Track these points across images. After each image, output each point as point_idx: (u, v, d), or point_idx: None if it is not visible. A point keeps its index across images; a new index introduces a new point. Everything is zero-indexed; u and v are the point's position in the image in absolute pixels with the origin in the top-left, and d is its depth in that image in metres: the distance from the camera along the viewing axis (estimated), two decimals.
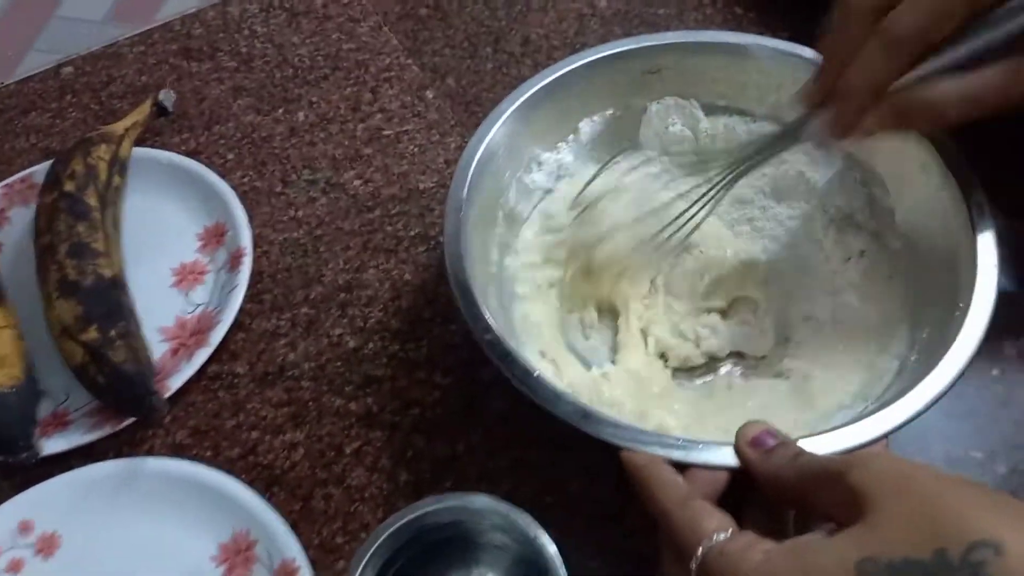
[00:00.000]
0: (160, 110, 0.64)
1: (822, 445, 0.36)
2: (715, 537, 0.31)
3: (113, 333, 0.49)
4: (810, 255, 0.51)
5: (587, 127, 0.54)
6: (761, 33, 0.66)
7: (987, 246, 0.41)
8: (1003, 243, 0.41)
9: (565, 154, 0.54)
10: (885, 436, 0.37)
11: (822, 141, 0.42)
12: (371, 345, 0.53)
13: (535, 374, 0.39)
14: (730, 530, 0.31)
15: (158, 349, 0.53)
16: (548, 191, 0.54)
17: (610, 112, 0.54)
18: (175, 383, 0.51)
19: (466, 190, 0.46)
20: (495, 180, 0.49)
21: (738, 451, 0.36)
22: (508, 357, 0.40)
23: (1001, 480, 0.45)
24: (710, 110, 0.54)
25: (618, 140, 0.55)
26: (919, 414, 0.37)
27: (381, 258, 0.57)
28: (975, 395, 0.48)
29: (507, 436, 0.49)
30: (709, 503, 0.33)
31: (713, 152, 0.53)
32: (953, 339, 0.39)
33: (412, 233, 0.58)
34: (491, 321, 0.41)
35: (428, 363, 0.52)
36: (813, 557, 0.28)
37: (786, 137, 0.45)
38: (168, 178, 0.61)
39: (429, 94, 0.66)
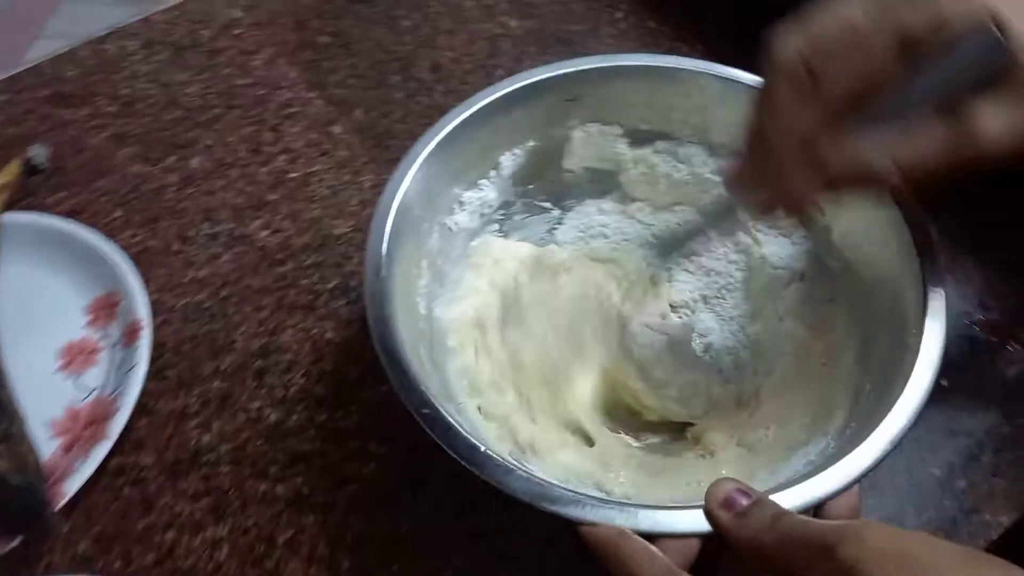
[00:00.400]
0: (31, 169, 0.57)
1: (792, 498, 0.34)
2: None
3: None
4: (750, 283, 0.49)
5: (508, 161, 0.50)
6: (678, 47, 0.65)
7: (933, 264, 0.40)
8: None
9: (488, 191, 0.50)
10: (857, 481, 0.34)
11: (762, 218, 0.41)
12: (295, 417, 0.48)
13: (482, 450, 0.35)
14: None
15: (47, 447, 0.47)
16: (475, 232, 0.50)
17: (531, 144, 0.50)
18: (72, 486, 0.44)
19: (385, 245, 0.42)
20: (415, 228, 0.45)
21: (709, 515, 0.33)
22: (450, 432, 0.36)
23: (962, 496, 0.44)
24: (634, 135, 0.51)
25: (541, 172, 0.52)
26: (886, 454, 0.35)
27: (298, 316, 0.52)
28: (926, 410, 0.46)
29: (457, 504, 0.44)
30: None
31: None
32: (910, 369, 0.37)
33: (330, 285, 0.53)
34: (428, 393, 0.37)
35: (360, 431, 0.47)
36: None
37: (720, 217, 0.44)
38: (47, 245, 0.54)
39: (336, 129, 0.61)
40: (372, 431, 0.47)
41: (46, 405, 0.48)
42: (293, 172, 0.59)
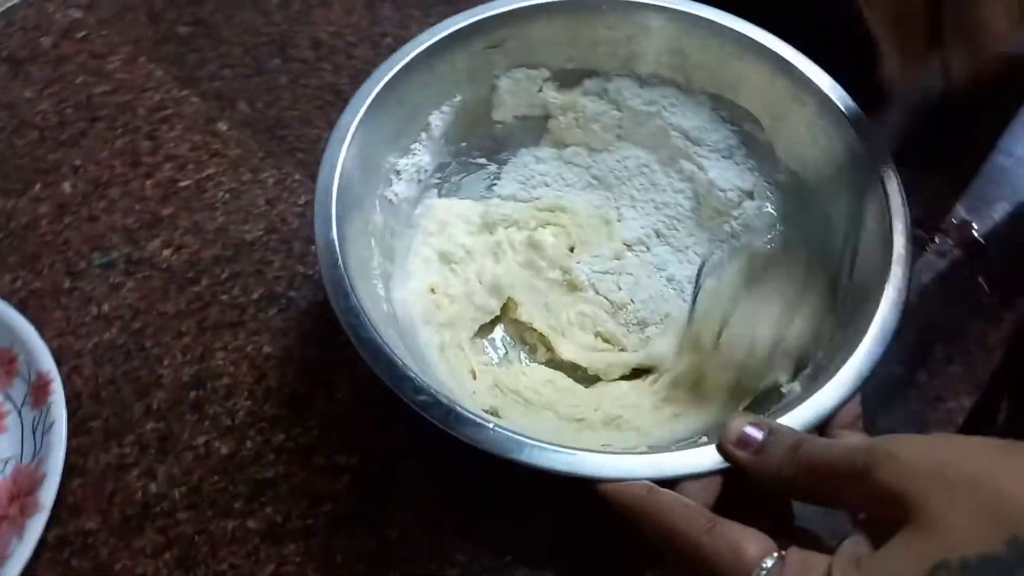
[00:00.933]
0: None
1: (804, 415, 0.33)
2: (764, 564, 0.27)
3: None
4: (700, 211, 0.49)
5: (438, 120, 0.47)
6: None
7: (888, 173, 0.40)
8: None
9: (422, 155, 0.47)
10: (860, 388, 0.34)
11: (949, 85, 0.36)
12: (249, 444, 0.44)
13: (491, 427, 0.33)
14: (775, 554, 0.28)
15: None
16: (415, 200, 0.47)
17: (458, 99, 0.48)
18: (12, 570, 0.39)
19: (335, 231, 0.38)
20: (359, 206, 0.42)
21: (725, 456, 0.32)
22: (452, 415, 0.34)
23: (925, 388, 0.46)
24: (561, 77, 0.49)
25: (472, 127, 0.49)
26: (880, 357, 0.35)
27: (227, 336, 0.48)
28: None
29: (445, 499, 0.42)
30: (738, 524, 0.30)
31: None
32: (885, 272, 0.37)
33: (255, 296, 0.49)
34: (417, 378, 0.34)
35: (323, 446, 0.44)
36: (882, 571, 0.25)
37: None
38: None
39: (222, 126, 0.56)
40: (336, 443, 0.44)
41: None
42: (184, 180, 0.53)
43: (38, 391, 0.44)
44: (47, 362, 0.45)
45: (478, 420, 0.33)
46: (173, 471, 0.43)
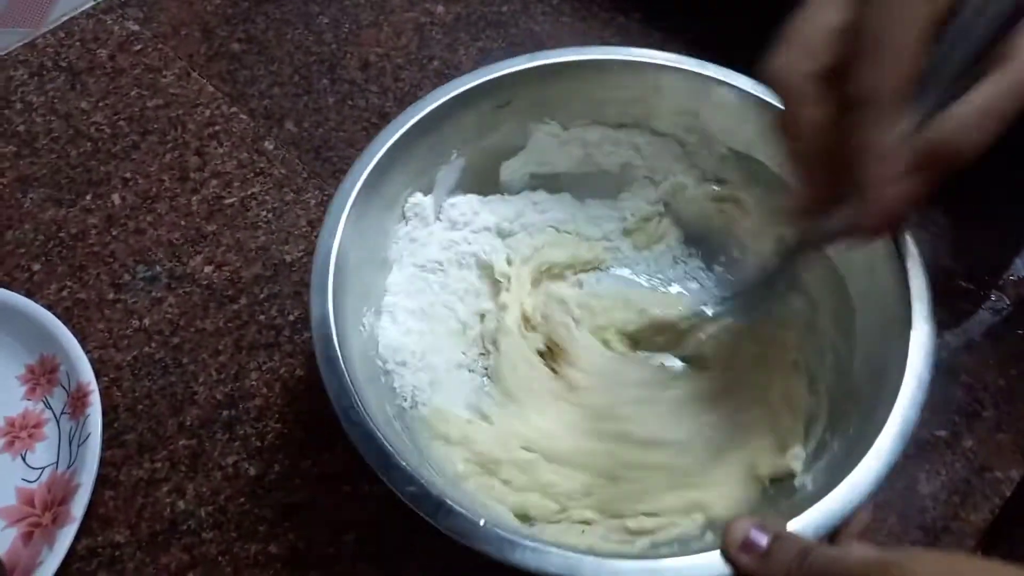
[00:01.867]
0: None
1: (813, 521, 0.32)
2: None
3: None
4: None
5: (443, 177, 0.47)
6: (615, 17, 0.63)
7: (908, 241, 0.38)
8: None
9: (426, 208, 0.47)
10: (874, 493, 0.33)
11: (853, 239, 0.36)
12: (277, 467, 0.44)
13: (481, 524, 0.33)
14: None
15: (3, 539, 0.42)
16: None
17: (462, 159, 0.47)
18: None
19: (331, 303, 0.38)
20: (357, 278, 0.42)
21: (729, 560, 0.31)
22: (442, 509, 0.33)
23: (970, 454, 0.44)
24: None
25: (479, 186, 0.49)
26: (898, 455, 0.33)
27: (261, 356, 0.48)
28: None
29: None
30: None
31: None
32: (904, 349, 0.36)
33: (291, 317, 0.49)
34: (407, 466, 0.34)
35: (351, 473, 0.44)
36: None
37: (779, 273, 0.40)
38: None
39: (268, 145, 0.57)
40: (363, 471, 0.43)
41: None
42: (229, 197, 0.54)
43: (77, 402, 0.45)
44: (87, 373, 0.46)
45: (468, 515, 0.33)
46: (202, 489, 0.44)
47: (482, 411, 0.44)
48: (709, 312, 0.45)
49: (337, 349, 0.37)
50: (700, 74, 0.45)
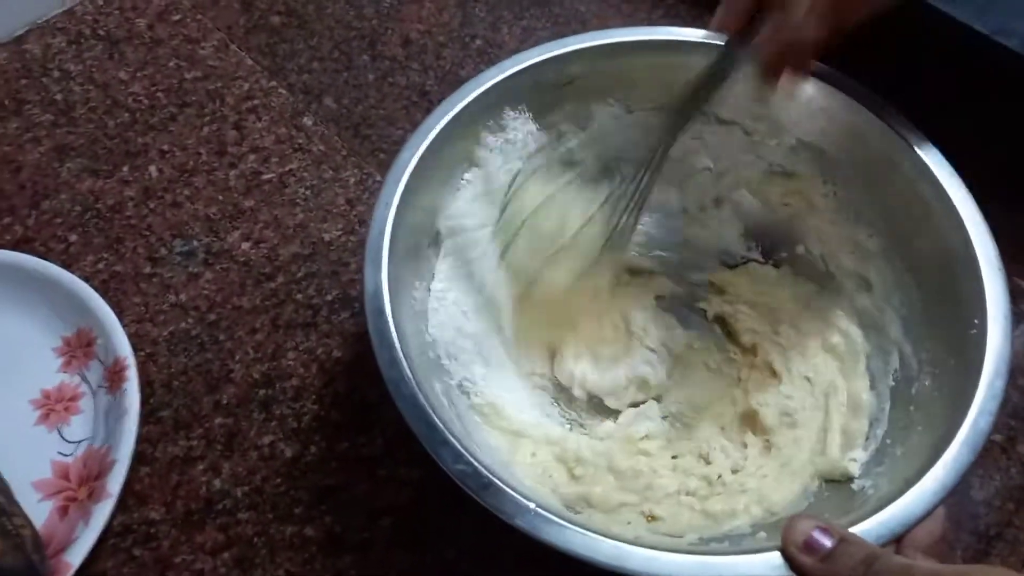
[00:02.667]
0: None
1: (876, 526, 0.31)
2: None
3: None
4: None
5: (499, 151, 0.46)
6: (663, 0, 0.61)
7: (988, 247, 0.37)
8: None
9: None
10: (943, 500, 0.32)
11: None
12: (313, 449, 0.44)
13: (531, 509, 0.32)
14: None
15: (38, 513, 0.42)
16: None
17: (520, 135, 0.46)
18: (76, 555, 0.40)
19: (385, 275, 0.37)
20: (413, 255, 0.41)
21: (789, 560, 0.30)
22: (491, 489, 0.32)
23: (1023, 459, 0.43)
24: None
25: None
26: (968, 465, 0.32)
27: (299, 336, 0.47)
28: None
29: (505, 525, 0.41)
30: None
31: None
32: (979, 360, 0.34)
33: (329, 297, 0.49)
34: (458, 444, 0.33)
35: (388, 457, 0.44)
36: None
37: (716, 74, 0.41)
38: None
39: (307, 121, 0.56)
40: (400, 455, 0.43)
41: (28, 465, 0.43)
42: (267, 173, 0.53)
43: (114, 376, 0.45)
44: (125, 348, 0.45)
45: (518, 499, 0.32)
46: (238, 469, 0.43)
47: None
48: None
49: (389, 321, 0.36)
50: None
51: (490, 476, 0.32)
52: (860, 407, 0.40)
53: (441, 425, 0.33)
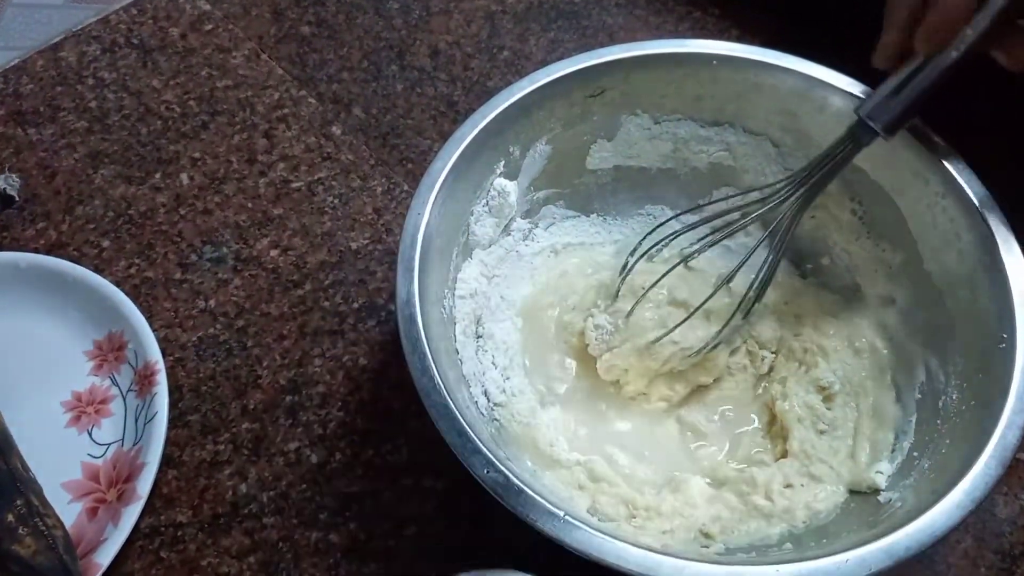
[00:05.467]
0: (2, 200, 0.51)
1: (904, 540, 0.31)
2: None
3: (11, 519, 0.38)
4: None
5: (528, 165, 0.46)
6: (691, 11, 0.61)
7: (1015, 262, 0.37)
8: None
9: (511, 195, 0.46)
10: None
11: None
12: (338, 456, 0.44)
13: (561, 516, 0.32)
14: None
15: (68, 514, 0.42)
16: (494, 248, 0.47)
17: (549, 146, 0.46)
18: (105, 556, 0.40)
19: (416, 283, 0.37)
20: (443, 260, 0.41)
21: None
22: (522, 498, 0.33)
23: None
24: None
25: (563, 174, 0.48)
26: (1000, 477, 0.32)
27: (325, 343, 0.48)
28: None
29: (532, 537, 0.41)
30: None
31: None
32: (1007, 374, 0.34)
33: (355, 305, 0.49)
34: (489, 452, 0.33)
35: (413, 466, 0.44)
36: None
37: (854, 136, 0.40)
38: (31, 286, 0.49)
39: (336, 130, 0.56)
40: (425, 464, 0.44)
41: (58, 466, 0.44)
42: (296, 182, 0.54)
43: (144, 380, 0.45)
44: (154, 352, 0.46)
45: (549, 507, 0.32)
46: (264, 474, 0.44)
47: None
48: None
49: (421, 329, 0.36)
50: (804, 74, 0.43)
51: (521, 484, 0.33)
52: (886, 418, 0.40)
53: (472, 433, 0.34)
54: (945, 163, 0.40)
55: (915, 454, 0.37)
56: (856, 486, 0.38)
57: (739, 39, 0.56)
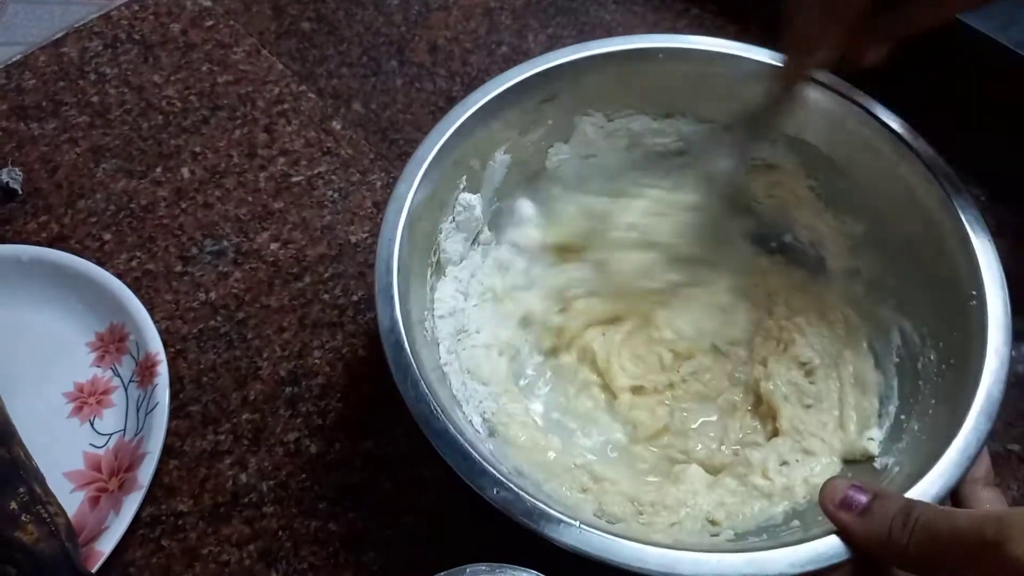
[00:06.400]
0: (5, 193, 0.52)
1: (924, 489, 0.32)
2: None
3: (14, 506, 0.39)
4: None
5: (490, 174, 0.47)
6: (689, 7, 0.61)
7: (973, 220, 0.38)
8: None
9: (476, 207, 0.46)
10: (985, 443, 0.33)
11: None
12: (337, 446, 0.45)
13: (577, 526, 0.32)
14: None
15: (70, 503, 0.43)
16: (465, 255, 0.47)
17: (507, 155, 0.47)
18: (107, 544, 0.41)
19: (398, 309, 0.38)
20: (418, 286, 0.42)
21: (829, 516, 0.31)
22: (536, 513, 0.33)
23: None
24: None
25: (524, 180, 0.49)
26: (990, 432, 0.33)
27: (325, 335, 0.48)
28: None
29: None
30: None
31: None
32: (982, 329, 0.35)
33: (355, 298, 0.50)
34: (496, 472, 0.34)
35: (412, 456, 0.44)
36: None
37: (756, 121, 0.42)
38: (34, 279, 0.49)
39: (336, 125, 0.57)
40: (424, 456, 0.44)
41: (61, 456, 0.44)
42: (296, 176, 0.54)
43: (145, 371, 0.46)
44: (156, 344, 0.47)
45: (564, 519, 0.32)
46: (264, 464, 0.44)
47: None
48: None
49: (410, 356, 0.36)
50: (751, 59, 0.44)
51: (533, 500, 0.33)
52: (868, 385, 0.41)
53: (476, 454, 0.34)
54: (894, 131, 0.41)
55: (902, 417, 0.38)
56: (850, 455, 0.39)
57: (737, 35, 0.57)
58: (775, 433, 0.42)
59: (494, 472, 0.33)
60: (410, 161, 0.42)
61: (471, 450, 0.34)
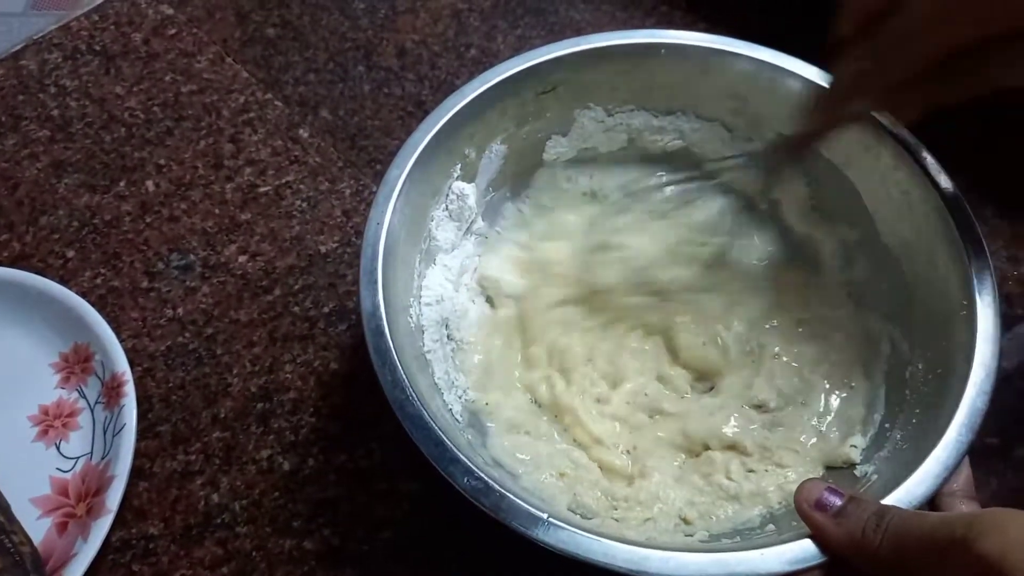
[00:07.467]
0: None
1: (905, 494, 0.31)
2: None
3: None
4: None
5: (484, 166, 0.46)
6: (659, 6, 0.61)
7: (964, 222, 0.38)
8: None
9: (469, 198, 0.46)
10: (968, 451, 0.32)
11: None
12: (311, 462, 0.44)
13: (545, 519, 0.32)
14: None
15: (37, 530, 0.42)
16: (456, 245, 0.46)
17: (505, 145, 0.46)
18: (76, 571, 0.39)
19: (381, 295, 0.37)
20: (406, 264, 0.41)
21: (803, 516, 0.31)
22: (504, 503, 0.32)
23: (1019, 463, 0.43)
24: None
25: (520, 172, 0.48)
26: (971, 443, 0.33)
27: (296, 349, 0.47)
28: None
29: (509, 536, 0.41)
30: None
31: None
32: (970, 340, 0.35)
33: (326, 310, 0.49)
34: (467, 460, 0.33)
35: (386, 469, 0.43)
36: None
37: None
38: None
39: (303, 133, 0.56)
40: (399, 468, 0.43)
41: (26, 481, 0.43)
42: (263, 186, 0.53)
43: (111, 392, 0.45)
44: (122, 363, 0.45)
45: (532, 511, 0.32)
46: (236, 483, 0.43)
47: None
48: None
49: (390, 342, 0.36)
50: (752, 57, 0.44)
51: (502, 489, 0.32)
52: (855, 392, 0.40)
53: (449, 442, 0.33)
54: (895, 136, 0.40)
55: (887, 426, 0.38)
56: (832, 462, 0.39)
57: (705, 31, 0.56)
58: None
59: (466, 461, 0.33)
60: (403, 146, 0.41)
61: (444, 438, 0.33)
